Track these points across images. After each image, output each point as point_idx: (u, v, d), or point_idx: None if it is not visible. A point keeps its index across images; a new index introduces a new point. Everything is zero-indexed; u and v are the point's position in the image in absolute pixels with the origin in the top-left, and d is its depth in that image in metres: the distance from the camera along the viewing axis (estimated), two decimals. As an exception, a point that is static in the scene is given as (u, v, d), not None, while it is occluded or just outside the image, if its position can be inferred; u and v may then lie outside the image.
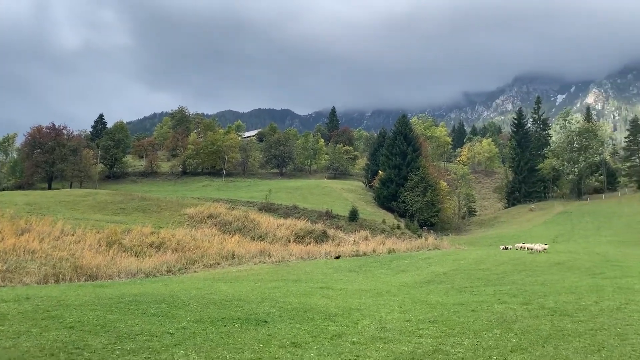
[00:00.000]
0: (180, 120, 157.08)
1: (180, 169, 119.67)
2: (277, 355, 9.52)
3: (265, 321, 12.67)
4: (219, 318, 12.84)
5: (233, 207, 61.39)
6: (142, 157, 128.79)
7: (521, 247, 37.63)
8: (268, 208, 67.97)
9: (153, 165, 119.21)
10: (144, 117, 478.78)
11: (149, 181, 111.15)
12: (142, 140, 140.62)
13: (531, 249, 35.32)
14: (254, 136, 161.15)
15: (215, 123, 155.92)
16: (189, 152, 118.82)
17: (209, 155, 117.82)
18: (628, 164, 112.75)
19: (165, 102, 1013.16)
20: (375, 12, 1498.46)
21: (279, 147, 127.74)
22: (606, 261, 29.36)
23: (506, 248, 41.04)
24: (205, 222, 51.97)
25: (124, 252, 33.03)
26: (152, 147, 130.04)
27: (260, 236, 47.74)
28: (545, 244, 37.17)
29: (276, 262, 34.68)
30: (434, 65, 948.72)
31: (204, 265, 32.04)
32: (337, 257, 39.96)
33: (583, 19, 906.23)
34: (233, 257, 35.03)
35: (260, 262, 34.48)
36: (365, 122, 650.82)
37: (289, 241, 46.47)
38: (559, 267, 26.54)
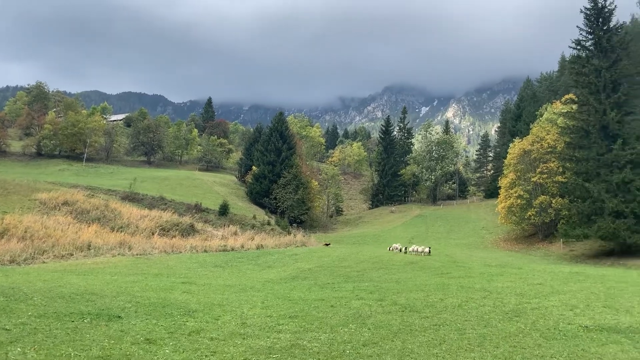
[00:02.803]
0: (38, 96, 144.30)
1: (34, 150, 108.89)
2: (128, 352, 9.04)
3: (119, 317, 12.01)
4: (66, 313, 11.91)
5: (92, 195, 57.32)
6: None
7: (404, 249, 40.09)
8: (132, 198, 64.34)
9: (1, 143, 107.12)
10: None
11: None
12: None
13: (418, 251, 38.07)
14: (121, 120, 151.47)
15: (79, 103, 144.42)
16: (45, 132, 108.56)
17: (69, 137, 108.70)
18: (477, 175, 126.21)
19: (21, 75, 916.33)
20: (252, 9, 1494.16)
21: (148, 134, 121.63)
22: (453, 262, 32.21)
23: (394, 249, 42.80)
24: (59, 209, 48.01)
25: (-42, 238, 29.62)
26: (2, 124, 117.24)
27: (121, 227, 45.22)
28: (429, 247, 40.23)
29: (137, 254, 33.14)
30: (312, 68, 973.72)
31: (54, 255, 29.76)
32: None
33: (449, 39, 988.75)
34: (89, 248, 32.90)
35: (119, 254, 32.74)
36: (242, 115, 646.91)
37: (153, 234, 44.57)
38: (412, 266, 28.60)
